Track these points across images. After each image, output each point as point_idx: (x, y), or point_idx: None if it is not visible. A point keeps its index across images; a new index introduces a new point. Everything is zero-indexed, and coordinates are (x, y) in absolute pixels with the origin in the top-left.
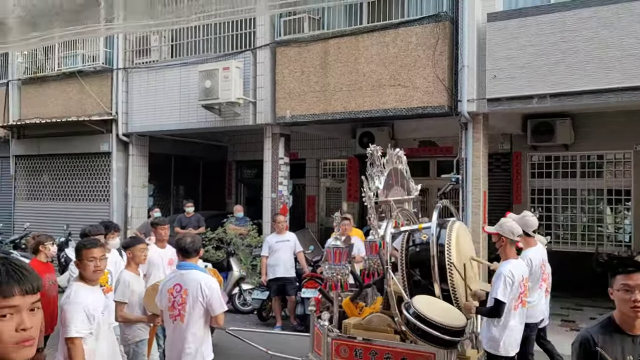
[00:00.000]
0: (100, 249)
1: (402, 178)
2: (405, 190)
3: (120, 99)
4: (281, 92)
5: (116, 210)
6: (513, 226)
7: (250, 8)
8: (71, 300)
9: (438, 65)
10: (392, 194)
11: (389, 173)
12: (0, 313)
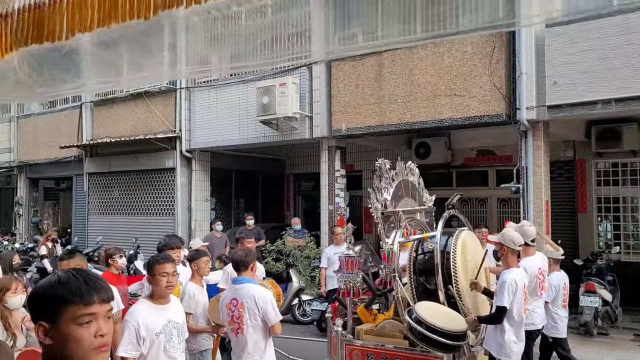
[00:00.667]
0: (172, 264)
1: (413, 190)
2: (417, 202)
3: (183, 117)
4: (337, 105)
5: (180, 223)
6: (514, 236)
7: (307, 54)
8: (127, 317)
9: (495, 73)
10: (402, 205)
11: (397, 185)
12: (83, 320)
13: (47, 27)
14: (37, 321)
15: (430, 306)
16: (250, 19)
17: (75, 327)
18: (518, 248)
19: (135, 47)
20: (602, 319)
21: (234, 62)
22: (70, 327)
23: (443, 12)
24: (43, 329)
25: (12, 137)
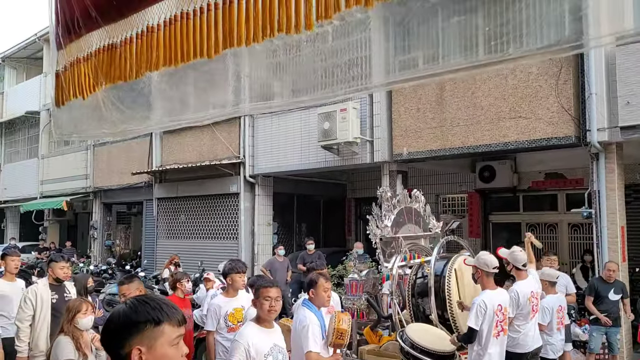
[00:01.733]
0: (277, 289)
1: (417, 216)
2: (422, 228)
3: (247, 143)
4: (397, 129)
5: (244, 247)
6: (487, 259)
7: (367, 86)
8: (237, 337)
9: (562, 94)
10: (403, 231)
11: (399, 212)
12: (177, 341)
13: (119, 67)
14: (125, 344)
15: (421, 328)
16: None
17: (169, 349)
18: (492, 271)
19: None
20: None
21: (294, 97)
22: (165, 349)
23: (507, 32)
24: (139, 352)
25: (89, 165)
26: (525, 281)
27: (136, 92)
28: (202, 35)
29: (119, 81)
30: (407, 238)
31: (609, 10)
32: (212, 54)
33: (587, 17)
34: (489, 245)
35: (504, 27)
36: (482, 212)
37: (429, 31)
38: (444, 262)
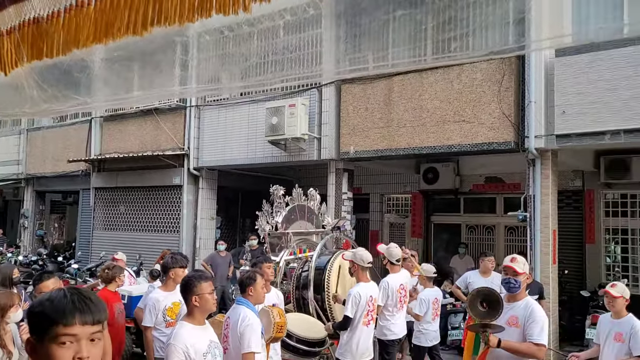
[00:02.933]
0: (211, 283)
1: (310, 214)
2: (314, 225)
3: (192, 134)
4: (345, 128)
5: (185, 241)
6: (364, 255)
7: (317, 74)
8: (172, 341)
9: (504, 101)
10: (294, 227)
11: (291, 209)
12: (61, 340)
13: (45, 43)
14: (30, 335)
15: (298, 317)
16: (262, 40)
17: (54, 347)
18: (367, 265)
19: (145, 64)
20: None
21: (245, 81)
22: (51, 347)
23: (453, 34)
24: (31, 345)
25: (21, 150)
26: (397, 274)
27: (61, 70)
28: (132, 12)
29: (43, 58)
30: (297, 234)
31: (550, 16)
32: (142, 32)
33: (529, 20)
34: (429, 245)
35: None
36: (425, 213)
37: (378, 28)
38: (329, 257)
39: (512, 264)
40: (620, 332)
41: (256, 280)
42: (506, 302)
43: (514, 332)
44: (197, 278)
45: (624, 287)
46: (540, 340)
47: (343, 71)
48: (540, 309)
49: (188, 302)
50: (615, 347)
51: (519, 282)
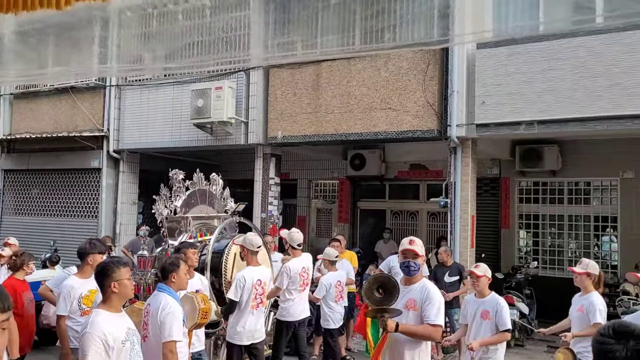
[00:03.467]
0: (129, 268)
1: (211, 198)
2: (216, 210)
3: (112, 115)
4: (273, 112)
5: (104, 226)
6: (253, 240)
7: (245, 58)
8: (89, 329)
9: (428, 90)
10: (194, 211)
11: (192, 194)
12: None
13: None
14: None
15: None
16: (187, 19)
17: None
18: (256, 250)
19: (63, 39)
20: (519, 331)
21: (169, 62)
22: None
23: (381, 24)
24: None
25: None
26: (298, 258)
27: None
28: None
29: None
30: (197, 218)
31: (473, 12)
32: (64, 5)
33: (453, 15)
34: (355, 230)
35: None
36: (352, 199)
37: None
38: (228, 241)
39: (412, 246)
40: (487, 310)
41: (179, 267)
42: (403, 286)
43: (412, 315)
44: (115, 263)
45: (486, 267)
46: (436, 321)
47: (272, 57)
48: (437, 290)
49: (105, 289)
50: (483, 325)
51: (418, 265)
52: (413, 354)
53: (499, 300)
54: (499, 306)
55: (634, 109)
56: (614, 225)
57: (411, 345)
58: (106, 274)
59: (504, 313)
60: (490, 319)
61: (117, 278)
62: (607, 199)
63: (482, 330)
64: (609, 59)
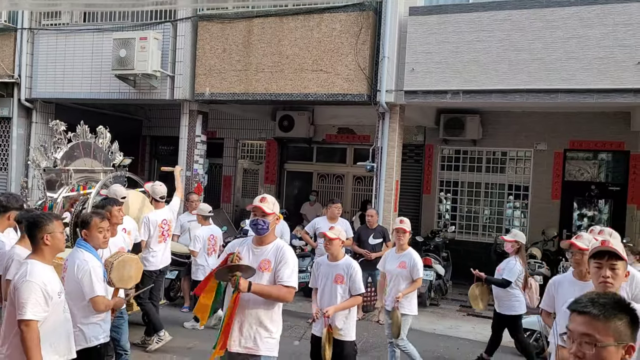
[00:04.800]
0: (61, 222)
1: (97, 151)
2: (102, 163)
3: (24, 61)
4: (201, 68)
5: (15, 180)
6: (117, 190)
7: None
8: (29, 278)
9: (360, 54)
10: (77, 164)
11: (74, 146)
12: None
13: None
14: None
15: None
16: None
17: None
18: (121, 200)
19: None
20: (434, 291)
21: None
22: None
23: None
24: None
25: None
26: (161, 210)
27: None
28: None
29: None
30: (79, 171)
31: None
32: None
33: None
34: (282, 192)
35: None
36: (279, 160)
37: None
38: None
39: (261, 204)
40: (404, 261)
41: (91, 223)
42: (255, 246)
43: (267, 276)
44: (48, 216)
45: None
46: (290, 283)
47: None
48: (291, 251)
49: (37, 241)
50: (402, 274)
51: (267, 223)
52: (269, 316)
53: (413, 254)
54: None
55: (551, 83)
56: (526, 194)
57: (266, 306)
58: (38, 226)
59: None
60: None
61: (49, 230)
62: (520, 169)
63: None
64: (532, 34)
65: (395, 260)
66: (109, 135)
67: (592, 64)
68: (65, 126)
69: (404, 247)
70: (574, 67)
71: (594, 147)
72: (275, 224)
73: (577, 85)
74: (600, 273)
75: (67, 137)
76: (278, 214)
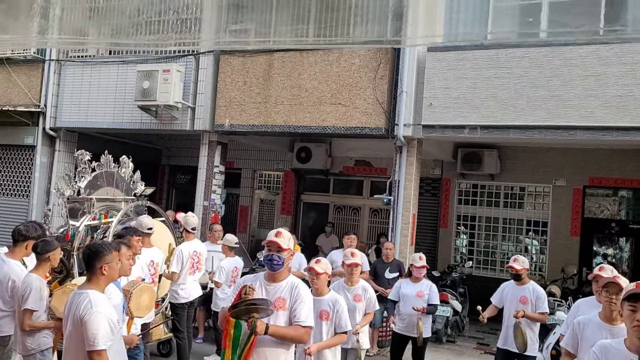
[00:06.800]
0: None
1: (119, 181)
2: (124, 192)
3: (50, 91)
4: (222, 100)
5: (36, 207)
6: (144, 221)
7: (195, 41)
8: (99, 310)
9: (378, 88)
10: (99, 193)
11: (98, 175)
12: None
13: None
14: None
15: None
16: None
17: None
18: (147, 231)
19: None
20: (451, 328)
21: (114, 38)
22: None
23: (336, 19)
24: None
25: None
26: (190, 242)
27: None
28: None
29: None
30: (101, 200)
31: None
32: None
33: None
34: (298, 223)
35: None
36: (296, 191)
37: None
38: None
39: (277, 238)
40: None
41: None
42: (267, 283)
43: (282, 315)
44: (107, 246)
45: (327, 263)
46: (307, 323)
47: (223, 42)
48: (306, 289)
49: (95, 270)
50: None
51: (282, 259)
52: (283, 357)
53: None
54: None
55: (569, 120)
56: (544, 230)
57: (277, 347)
58: (98, 255)
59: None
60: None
61: (108, 261)
62: (539, 205)
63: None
64: (550, 71)
65: (411, 287)
66: (132, 165)
67: (610, 102)
68: (90, 155)
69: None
70: (592, 105)
71: (614, 184)
72: (289, 259)
73: (596, 122)
74: (634, 317)
75: (91, 167)
76: (293, 249)
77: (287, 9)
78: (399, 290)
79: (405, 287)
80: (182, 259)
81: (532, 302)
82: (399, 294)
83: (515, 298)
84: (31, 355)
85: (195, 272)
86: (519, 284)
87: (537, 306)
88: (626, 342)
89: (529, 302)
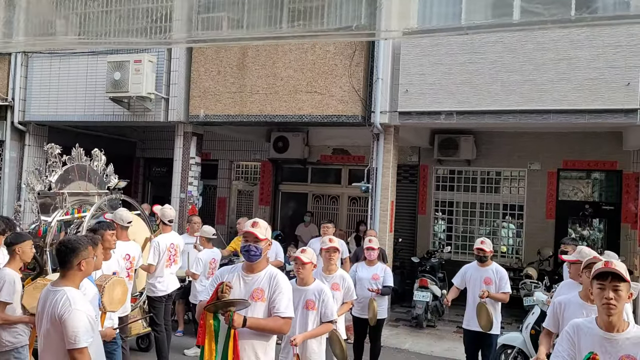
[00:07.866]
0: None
1: (92, 174)
2: (97, 186)
3: (18, 84)
4: (196, 90)
5: (7, 203)
6: (123, 215)
7: (166, 41)
8: (77, 307)
9: (354, 75)
10: (71, 187)
11: (69, 169)
12: None
13: None
14: None
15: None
16: None
17: None
18: (126, 225)
19: None
20: (431, 313)
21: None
22: None
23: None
24: None
25: None
26: (167, 235)
27: None
28: None
29: None
30: (74, 194)
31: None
32: None
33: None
34: (277, 213)
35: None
36: (274, 181)
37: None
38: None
39: (254, 229)
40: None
41: None
42: (245, 273)
43: (260, 306)
44: (84, 242)
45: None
46: (287, 313)
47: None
48: (285, 279)
49: (71, 266)
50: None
51: (259, 249)
52: (263, 348)
53: (345, 275)
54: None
55: (543, 104)
56: (520, 214)
57: (259, 339)
58: (75, 251)
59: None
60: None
61: (85, 256)
62: (515, 189)
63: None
64: (523, 56)
65: (367, 270)
66: (104, 158)
67: (583, 85)
68: (60, 149)
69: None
70: (565, 88)
71: (587, 167)
72: (267, 249)
73: (569, 106)
74: (603, 294)
75: (62, 160)
76: (270, 240)
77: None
78: (355, 274)
79: (361, 270)
80: (159, 250)
81: (496, 282)
82: (355, 278)
83: (479, 279)
84: (6, 352)
85: (172, 264)
86: (483, 265)
87: (500, 286)
88: (597, 320)
89: (493, 282)
